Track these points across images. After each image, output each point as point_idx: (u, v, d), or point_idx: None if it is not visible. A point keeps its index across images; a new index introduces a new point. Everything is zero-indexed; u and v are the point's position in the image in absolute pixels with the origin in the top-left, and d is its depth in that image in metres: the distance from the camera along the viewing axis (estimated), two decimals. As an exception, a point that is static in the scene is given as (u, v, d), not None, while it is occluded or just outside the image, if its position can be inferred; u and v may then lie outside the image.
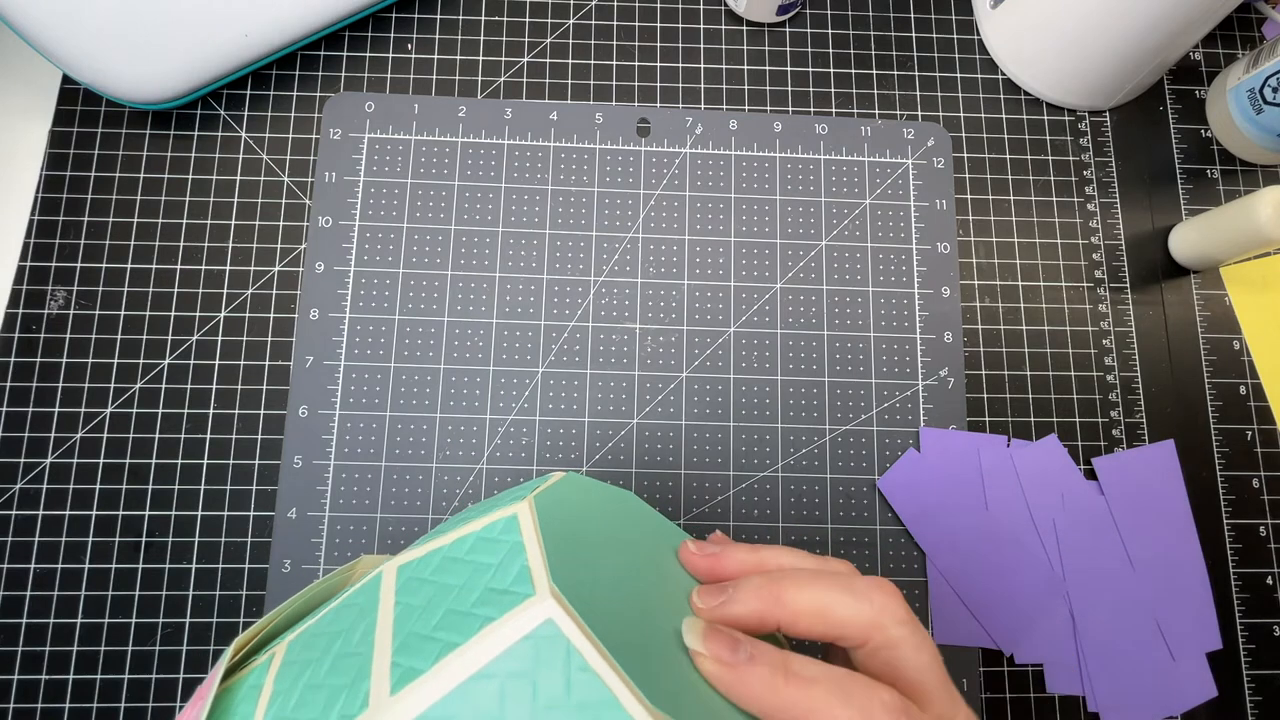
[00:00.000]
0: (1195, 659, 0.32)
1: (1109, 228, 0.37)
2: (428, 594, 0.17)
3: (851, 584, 0.19)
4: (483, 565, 0.17)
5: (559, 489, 0.20)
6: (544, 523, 0.17)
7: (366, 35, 0.37)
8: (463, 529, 0.18)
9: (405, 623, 0.16)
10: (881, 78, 0.38)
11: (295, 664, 0.17)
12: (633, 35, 0.38)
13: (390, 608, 0.17)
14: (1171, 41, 0.34)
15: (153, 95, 0.33)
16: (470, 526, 0.18)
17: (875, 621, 0.18)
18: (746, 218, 0.36)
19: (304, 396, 0.33)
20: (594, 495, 0.21)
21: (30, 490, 0.32)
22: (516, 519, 0.17)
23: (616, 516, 0.21)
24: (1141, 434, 0.35)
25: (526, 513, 0.17)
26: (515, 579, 0.16)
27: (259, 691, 0.17)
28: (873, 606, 0.18)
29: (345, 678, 0.16)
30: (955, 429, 0.34)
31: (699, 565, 0.21)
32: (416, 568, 0.18)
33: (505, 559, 0.16)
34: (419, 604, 0.16)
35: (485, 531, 0.18)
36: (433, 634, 0.15)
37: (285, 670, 0.17)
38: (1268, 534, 0.34)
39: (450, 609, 0.16)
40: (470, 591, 0.16)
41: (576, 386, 0.34)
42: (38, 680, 0.30)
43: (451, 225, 0.35)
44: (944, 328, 0.35)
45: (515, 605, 0.15)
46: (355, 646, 0.16)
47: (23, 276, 0.34)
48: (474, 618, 0.15)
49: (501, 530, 0.17)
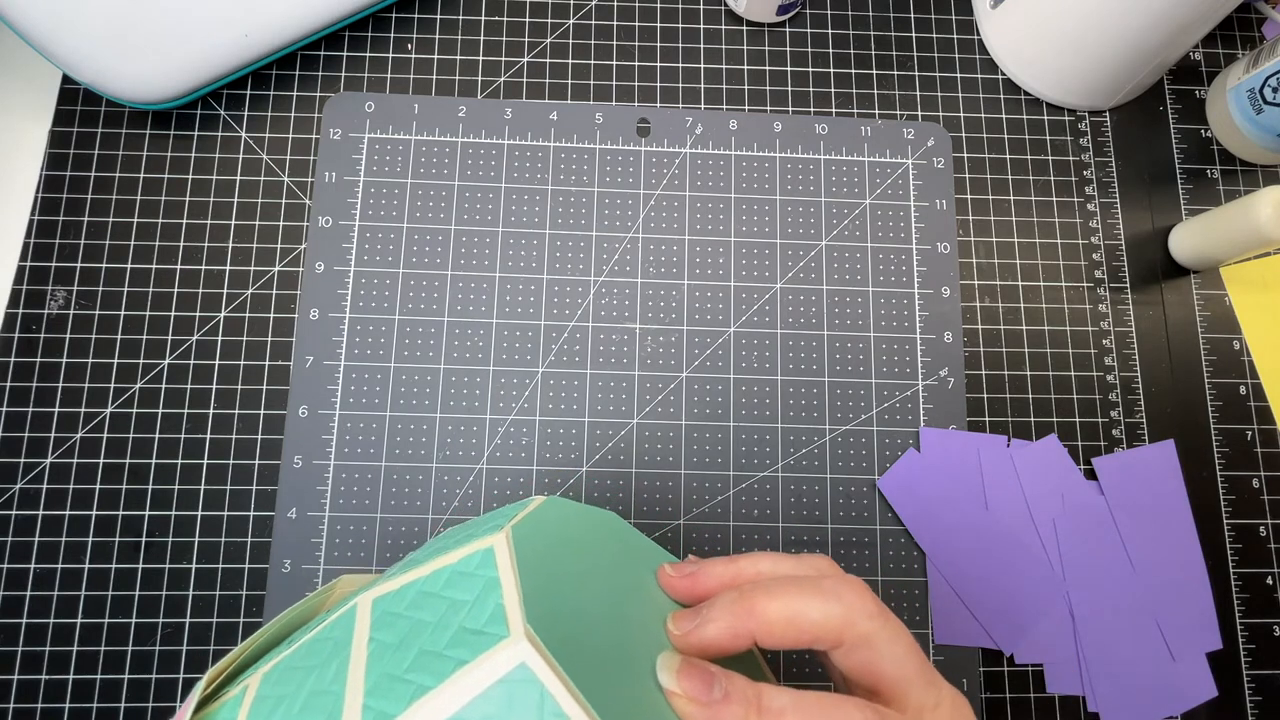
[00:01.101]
0: (1195, 659, 0.32)
1: (1109, 228, 0.37)
2: (402, 630, 0.16)
3: (820, 586, 0.19)
4: (458, 602, 0.16)
5: (538, 515, 0.20)
6: (521, 556, 0.17)
7: (366, 35, 0.37)
8: (440, 560, 0.18)
9: (378, 662, 0.16)
10: (881, 78, 0.38)
11: (269, 699, 0.17)
12: (633, 35, 0.38)
13: (364, 644, 0.16)
14: (1171, 41, 0.34)
15: (153, 95, 0.33)
16: (447, 558, 0.18)
17: (847, 620, 0.18)
18: (746, 218, 0.36)
19: (304, 396, 0.33)
20: (574, 520, 0.21)
21: (30, 490, 0.32)
22: (493, 552, 0.17)
23: (597, 541, 0.21)
24: (1141, 434, 0.35)
25: (503, 545, 0.17)
26: (490, 619, 0.15)
27: None
28: (842, 605, 0.18)
29: (317, 718, 0.15)
30: (955, 429, 0.34)
31: (678, 588, 0.21)
32: (392, 601, 0.17)
33: (480, 596, 0.16)
34: (392, 641, 0.16)
35: (461, 565, 0.17)
36: (405, 676, 0.15)
37: (259, 705, 0.17)
38: (1268, 534, 0.34)
39: (424, 649, 0.15)
40: (444, 630, 0.16)
41: (576, 386, 0.34)
42: (38, 680, 0.30)
43: (451, 225, 0.35)
44: (944, 328, 0.35)
45: (489, 647, 0.15)
46: (328, 684, 0.16)
47: (23, 276, 0.34)
48: (447, 659, 0.15)
49: (478, 564, 0.17)
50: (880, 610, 0.19)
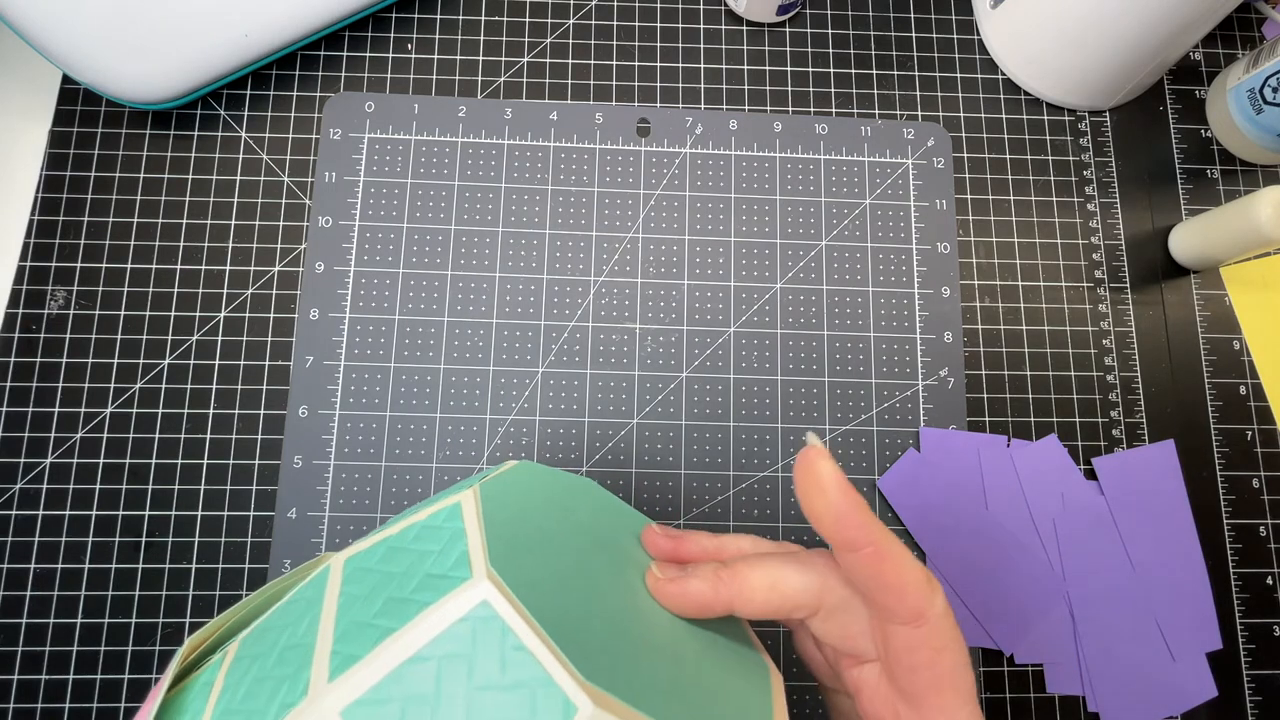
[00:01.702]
0: (1195, 659, 0.32)
1: (1109, 228, 0.37)
2: (371, 583, 0.17)
3: (797, 557, 0.20)
4: (425, 553, 0.17)
5: (509, 476, 0.20)
6: (487, 510, 0.17)
7: (366, 35, 0.37)
8: (409, 519, 0.18)
9: (348, 612, 0.16)
10: (881, 78, 0.38)
11: (245, 659, 0.17)
12: (633, 35, 0.38)
13: (335, 598, 0.17)
14: (1171, 41, 0.34)
15: (153, 95, 0.33)
16: (417, 516, 0.18)
17: (824, 585, 0.19)
18: (746, 218, 0.36)
19: (304, 396, 0.33)
20: (545, 482, 0.21)
21: (30, 490, 0.32)
22: (460, 506, 0.18)
23: (569, 503, 0.21)
24: (1141, 434, 0.35)
25: (470, 500, 0.18)
26: (454, 564, 0.16)
27: (210, 688, 0.17)
28: (820, 573, 0.19)
29: (289, 668, 0.16)
30: (955, 429, 0.34)
31: (662, 545, 0.21)
32: (363, 558, 0.18)
33: (446, 545, 0.16)
34: (362, 593, 0.16)
35: (430, 520, 0.18)
36: (372, 621, 0.15)
37: (236, 665, 0.17)
38: (1268, 534, 0.34)
39: (390, 596, 0.16)
40: (410, 578, 0.16)
41: (576, 386, 0.34)
42: (38, 680, 0.30)
43: (451, 225, 0.35)
44: (944, 328, 0.35)
45: (452, 589, 0.15)
46: (300, 638, 0.16)
47: (23, 276, 0.34)
48: (412, 603, 0.15)
49: (445, 518, 0.17)
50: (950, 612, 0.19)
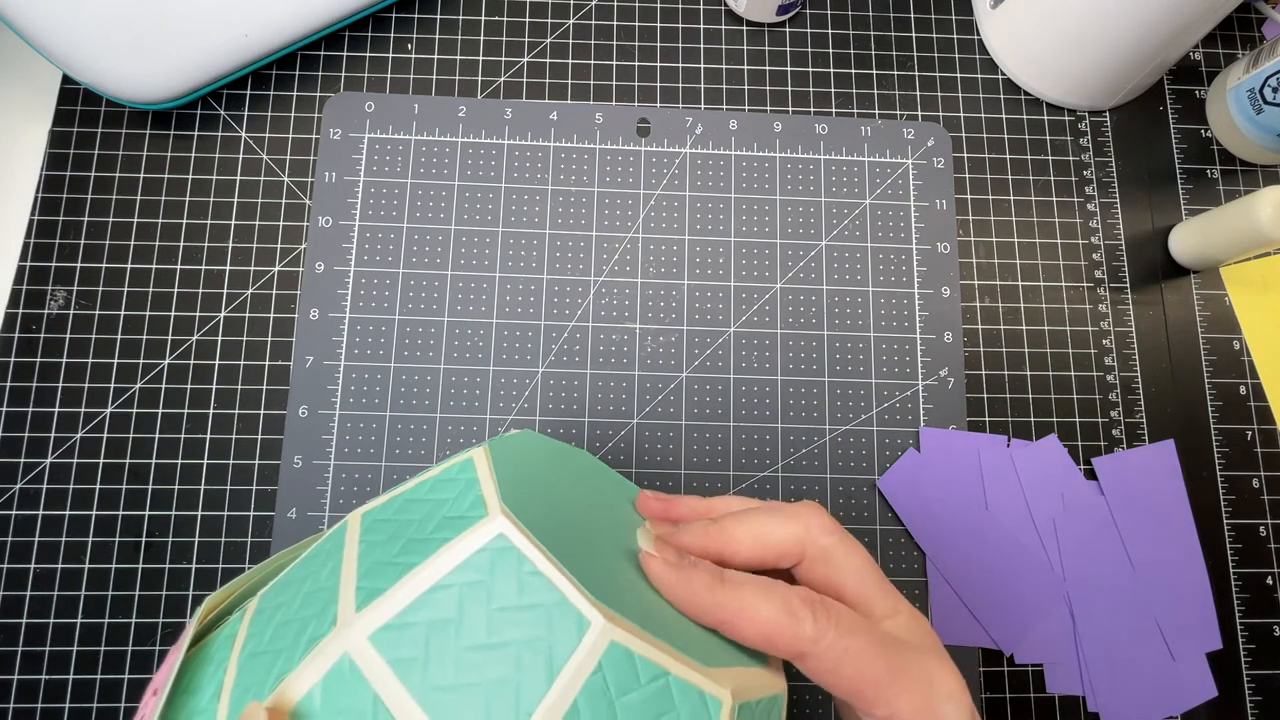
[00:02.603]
0: (1195, 659, 0.32)
1: (1109, 228, 0.37)
2: (390, 530, 0.18)
3: (782, 509, 0.21)
4: (441, 501, 0.18)
5: (515, 439, 0.22)
6: (498, 462, 0.18)
7: (366, 35, 0.37)
8: (423, 475, 0.19)
9: (369, 555, 0.17)
10: (881, 78, 0.38)
11: (268, 610, 0.18)
12: (633, 35, 0.38)
13: (355, 545, 0.18)
14: (1171, 41, 0.34)
15: (153, 95, 0.33)
16: (430, 473, 0.19)
17: (807, 535, 0.20)
18: (746, 218, 0.36)
19: (304, 396, 0.33)
20: (549, 447, 0.23)
21: (30, 490, 0.32)
22: (472, 460, 0.19)
23: (570, 465, 0.23)
24: (1141, 434, 0.35)
25: (481, 454, 0.19)
26: (470, 505, 0.17)
27: (233, 640, 0.18)
28: (802, 523, 0.20)
29: (315, 608, 0.16)
30: (955, 429, 0.34)
31: (653, 507, 0.23)
32: (379, 511, 0.19)
33: (461, 493, 0.18)
34: (382, 539, 0.17)
35: (443, 474, 0.19)
36: (395, 559, 0.16)
37: (258, 617, 0.18)
38: (1268, 534, 0.34)
39: (411, 538, 0.17)
40: (429, 522, 0.17)
41: (576, 386, 0.34)
42: (38, 680, 0.30)
43: (451, 225, 0.35)
44: (944, 328, 0.35)
45: (470, 526, 0.16)
46: (323, 582, 0.17)
47: (23, 276, 0.34)
48: (432, 541, 0.16)
49: (458, 470, 0.19)
50: (837, 528, 0.20)
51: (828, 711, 0.32)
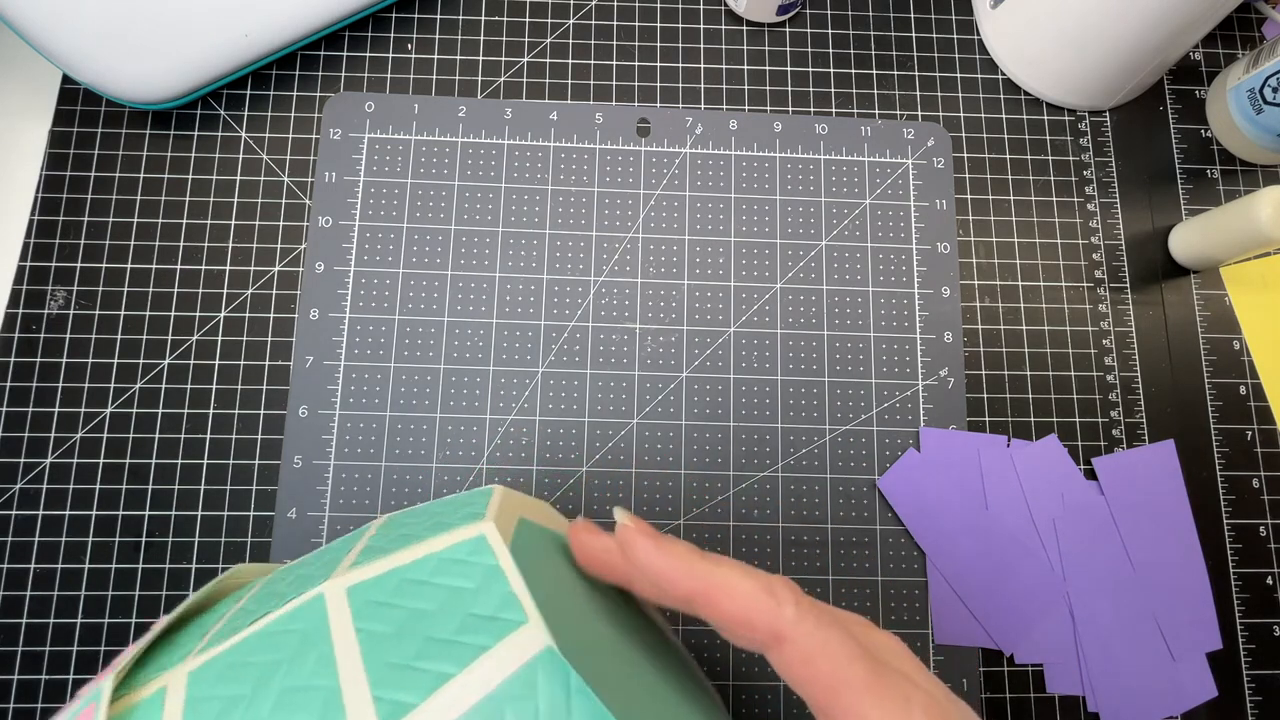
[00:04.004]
0: (1195, 659, 0.32)
1: (1109, 228, 0.37)
2: (396, 619, 0.16)
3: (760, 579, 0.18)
4: (458, 589, 0.16)
5: (503, 505, 0.20)
6: (513, 546, 0.17)
7: (366, 35, 0.37)
8: (418, 548, 0.17)
9: (376, 653, 0.15)
10: (881, 78, 0.38)
11: (214, 700, 0.15)
12: (633, 35, 0.38)
13: (350, 635, 0.16)
14: (1171, 41, 0.34)
15: (153, 95, 0.33)
16: (427, 545, 0.17)
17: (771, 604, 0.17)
18: (746, 218, 0.36)
19: (304, 396, 0.33)
20: (529, 508, 0.22)
21: (30, 490, 0.32)
22: (485, 540, 0.17)
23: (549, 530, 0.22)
24: (1141, 434, 0.35)
25: (494, 534, 0.17)
26: (500, 605, 0.16)
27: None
28: (774, 596, 0.18)
29: (307, 716, 0.14)
30: (955, 429, 0.34)
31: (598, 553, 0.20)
32: (371, 590, 0.17)
33: (483, 584, 0.16)
34: (387, 631, 0.16)
35: (450, 553, 0.17)
36: (416, 664, 0.15)
37: (198, 707, 0.15)
38: (1268, 534, 0.34)
39: (431, 637, 0.15)
40: (449, 617, 0.16)
41: (576, 386, 0.34)
42: (38, 680, 0.30)
43: (451, 225, 0.35)
44: (944, 328, 0.35)
45: (510, 632, 0.15)
46: (309, 679, 0.15)
47: (23, 276, 0.34)
48: (465, 646, 0.15)
49: (469, 552, 0.17)
50: (813, 606, 0.18)
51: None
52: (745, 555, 0.33)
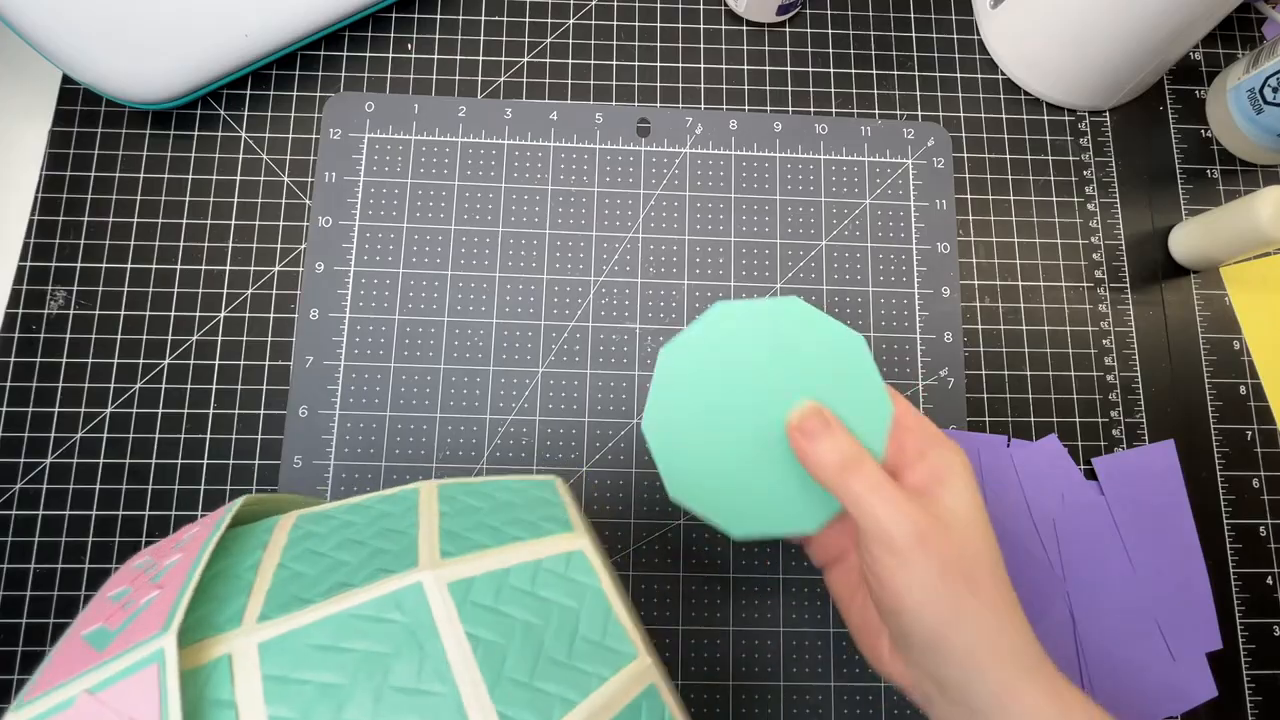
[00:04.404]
0: (1195, 659, 0.32)
1: (1109, 228, 0.37)
2: (506, 630, 0.16)
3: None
4: (564, 608, 0.17)
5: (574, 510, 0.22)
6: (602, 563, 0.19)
7: (366, 35, 0.37)
8: (512, 550, 0.18)
9: (492, 665, 0.15)
10: (881, 78, 0.38)
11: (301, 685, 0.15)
12: (633, 35, 0.38)
13: (462, 640, 0.16)
14: (1172, 41, 0.34)
15: (153, 95, 0.33)
16: (524, 550, 0.18)
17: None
18: (746, 218, 0.36)
19: (304, 396, 0.33)
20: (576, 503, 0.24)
21: (30, 490, 0.32)
22: (585, 558, 0.18)
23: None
24: (1141, 434, 0.35)
25: (592, 552, 0.19)
26: (606, 631, 0.17)
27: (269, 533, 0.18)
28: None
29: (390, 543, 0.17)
30: (955, 429, 0.34)
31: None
32: (474, 590, 0.17)
33: (587, 605, 0.17)
34: (500, 641, 0.16)
35: (549, 563, 0.18)
36: (536, 684, 0.15)
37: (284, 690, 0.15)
38: (1268, 534, 0.34)
39: (546, 656, 0.16)
40: (560, 638, 0.17)
41: (576, 386, 0.34)
42: (38, 680, 0.30)
43: (451, 225, 0.35)
44: (944, 328, 0.35)
45: (624, 666, 0.17)
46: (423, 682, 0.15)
47: (23, 276, 0.34)
48: (582, 674, 0.16)
49: (567, 565, 0.18)
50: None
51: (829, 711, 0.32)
52: (745, 555, 0.33)
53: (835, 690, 0.32)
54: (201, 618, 0.16)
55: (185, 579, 0.15)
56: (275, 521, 0.19)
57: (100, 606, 0.16)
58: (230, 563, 0.17)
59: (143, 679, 0.14)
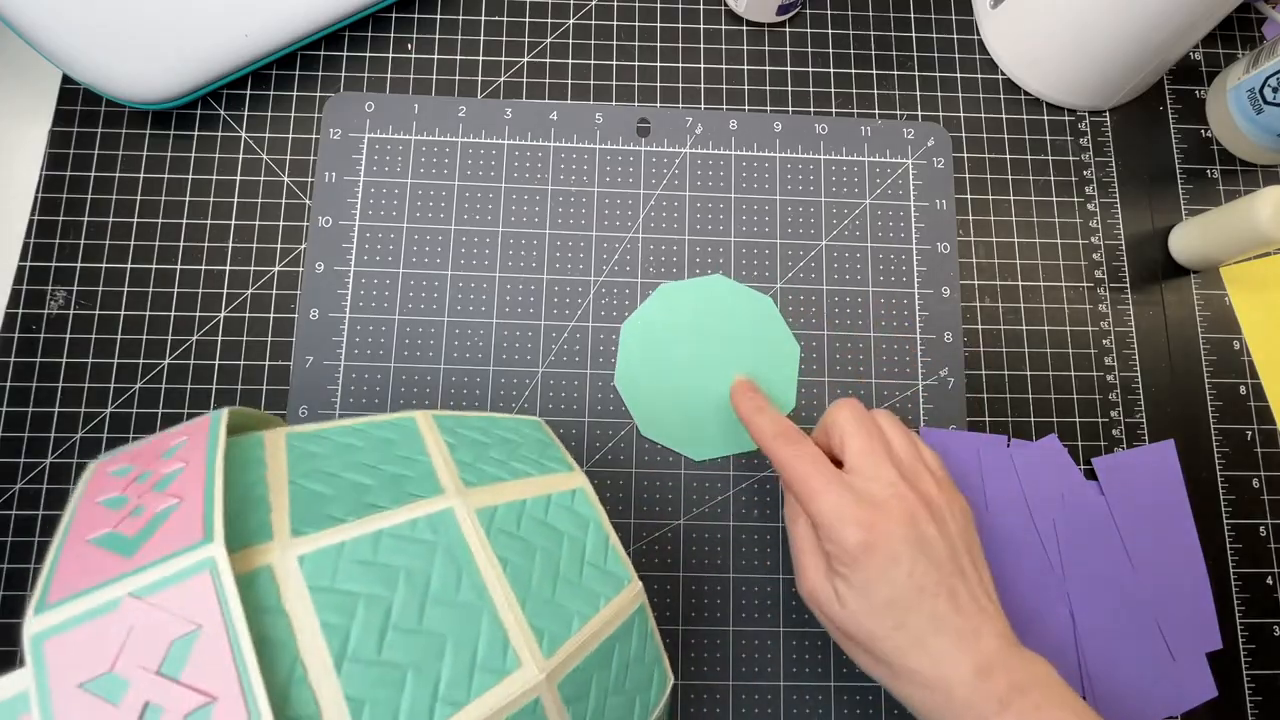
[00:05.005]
0: (1195, 659, 0.32)
1: (1109, 228, 0.37)
2: (529, 554, 0.18)
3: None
4: (573, 538, 0.19)
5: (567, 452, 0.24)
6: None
7: (366, 35, 0.37)
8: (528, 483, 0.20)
9: (521, 584, 0.17)
10: (881, 78, 0.38)
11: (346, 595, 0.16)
12: (633, 35, 0.38)
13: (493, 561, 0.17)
14: (1172, 41, 0.34)
15: (153, 95, 0.33)
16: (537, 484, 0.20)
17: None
18: (746, 218, 0.36)
19: (304, 396, 0.33)
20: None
21: (30, 490, 0.32)
22: (585, 495, 0.21)
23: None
24: (1141, 434, 0.35)
25: (590, 490, 0.21)
26: (604, 557, 0.20)
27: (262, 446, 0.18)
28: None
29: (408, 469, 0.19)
30: (955, 429, 0.34)
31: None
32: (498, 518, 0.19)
33: (589, 534, 0.20)
34: (524, 564, 0.18)
35: (559, 498, 0.20)
36: (557, 600, 0.18)
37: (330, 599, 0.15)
38: (1268, 534, 0.34)
39: (562, 577, 0.18)
40: (571, 562, 0.19)
41: (576, 386, 0.34)
42: (38, 680, 0.30)
43: (451, 225, 0.35)
44: (944, 328, 0.35)
45: (623, 587, 0.19)
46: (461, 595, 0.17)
47: (23, 276, 0.34)
48: (591, 592, 0.19)
49: (570, 500, 0.20)
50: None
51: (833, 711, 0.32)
52: (745, 555, 0.33)
53: (835, 690, 0.32)
54: (232, 527, 0.16)
55: (205, 487, 0.16)
56: (261, 438, 0.19)
57: (95, 511, 0.16)
58: (234, 476, 0.17)
59: (196, 584, 0.14)
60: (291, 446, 0.19)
